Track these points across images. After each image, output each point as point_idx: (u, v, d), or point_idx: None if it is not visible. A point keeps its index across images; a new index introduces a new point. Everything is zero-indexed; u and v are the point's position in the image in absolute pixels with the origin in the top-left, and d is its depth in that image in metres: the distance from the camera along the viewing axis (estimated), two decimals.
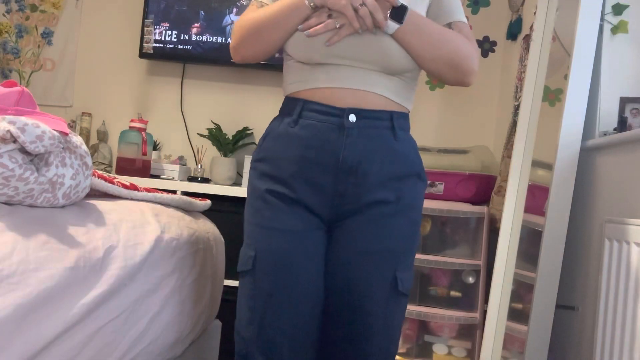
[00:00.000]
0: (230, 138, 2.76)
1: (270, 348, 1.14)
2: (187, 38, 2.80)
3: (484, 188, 2.38)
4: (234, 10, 2.79)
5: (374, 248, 1.14)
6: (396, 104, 1.18)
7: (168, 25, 2.80)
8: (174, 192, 2.32)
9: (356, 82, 1.14)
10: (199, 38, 2.80)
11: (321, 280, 1.16)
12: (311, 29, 1.11)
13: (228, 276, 1.97)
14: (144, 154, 2.54)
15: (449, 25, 1.21)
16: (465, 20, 1.23)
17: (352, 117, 1.13)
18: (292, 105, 1.18)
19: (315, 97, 1.15)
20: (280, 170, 1.16)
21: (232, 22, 2.79)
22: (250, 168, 1.23)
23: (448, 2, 1.23)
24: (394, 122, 1.16)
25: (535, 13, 2.12)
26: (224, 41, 2.78)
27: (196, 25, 2.80)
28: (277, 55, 1.28)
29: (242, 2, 2.78)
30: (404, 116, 1.20)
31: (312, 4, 1.10)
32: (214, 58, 2.80)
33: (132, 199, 1.34)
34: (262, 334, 1.14)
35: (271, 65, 2.76)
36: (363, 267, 1.14)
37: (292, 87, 1.21)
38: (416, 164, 1.20)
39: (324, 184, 1.14)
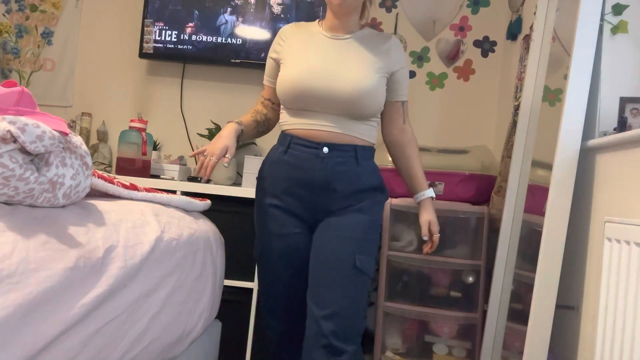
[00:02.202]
0: None
1: (274, 310, 1.64)
2: (186, 38, 2.80)
3: (484, 188, 2.38)
4: (228, 10, 2.79)
5: (342, 234, 1.55)
6: (360, 140, 1.60)
7: (162, 24, 2.80)
8: (174, 192, 2.32)
9: (328, 126, 1.57)
10: (198, 38, 2.80)
11: (306, 265, 1.58)
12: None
13: (228, 276, 1.97)
14: (144, 154, 2.54)
15: (402, 104, 1.69)
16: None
17: (325, 149, 1.55)
18: (284, 139, 1.62)
19: (300, 134, 1.58)
20: (275, 187, 1.60)
21: (227, 21, 2.79)
22: (257, 182, 1.67)
23: (402, 82, 1.67)
24: (358, 153, 1.58)
25: (535, 13, 2.12)
26: (223, 41, 2.78)
27: (190, 24, 2.80)
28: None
29: (236, 1, 2.78)
30: (367, 148, 1.62)
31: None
32: (214, 58, 2.80)
33: (132, 199, 1.35)
34: (267, 303, 1.66)
35: None
36: (335, 246, 1.54)
37: (285, 125, 1.64)
38: (374, 181, 1.62)
39: (305, 197, 1.57)
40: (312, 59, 1.59)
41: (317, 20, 1.72)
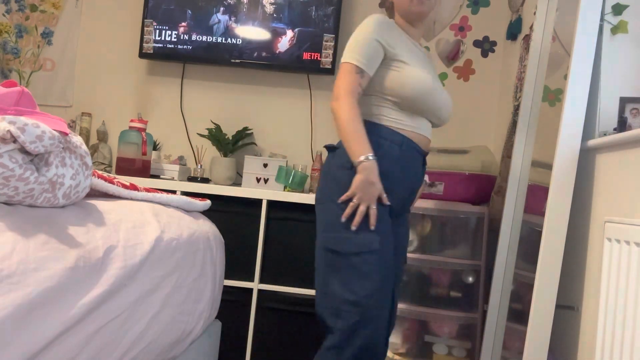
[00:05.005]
0: (230, 138, 2.76)
1: (385, 304, 1.53)
2: (186, 38, 2.80)
3: (484, 188, 2.38)
4: (221, 9, 2.79)
5: (408, 230, 1.80)
6: None
7: (156, 24, 2.80)
8: (174, 192, 2.32)
9: (429, 134, 1.67)
10: (194, 38, 2.80)
11: None
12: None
13: (228, 276, 1.97)
14: (144, 154, 2.54)
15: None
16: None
17: (425, 159, 1.67)
18: (396, 137, 1.57)
19: (412, 137, 1.60)
20: (396, 185, 1.58)
21: (219, 20, 2.79)
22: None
23: None
24: None
25: (535, 13, 2.12)
26: (221, 40, 2.78)
27: (183, 24, 2.80)
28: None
29: (228, 1, 2.78)
30: None
31: (359, 162, 1.47)
32: (210, 58, 2.80)
33: (132, 199, 1.35)
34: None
35: (271, 65, 2.76)
36: (407, 240, 1.81)
37: (397, 124, 1.59)
38: None
39: (405, 199, 1.64)
40: (427, 67, 1.65)
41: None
